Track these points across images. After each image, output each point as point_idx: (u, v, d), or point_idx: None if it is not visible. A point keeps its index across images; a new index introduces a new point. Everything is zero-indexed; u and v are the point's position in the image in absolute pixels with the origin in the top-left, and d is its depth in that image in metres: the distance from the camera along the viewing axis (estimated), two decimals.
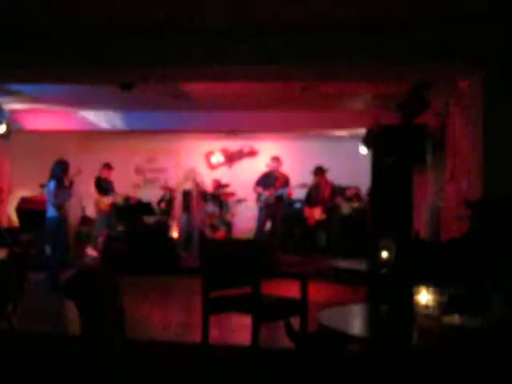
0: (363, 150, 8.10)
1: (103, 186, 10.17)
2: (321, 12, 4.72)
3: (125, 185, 11.66)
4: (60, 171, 7.38)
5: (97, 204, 10.27)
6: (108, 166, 10.32)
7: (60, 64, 5.44)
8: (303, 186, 9.99)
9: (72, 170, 10.15)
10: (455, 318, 2.62)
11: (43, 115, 9.78)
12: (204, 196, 10.25)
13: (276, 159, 9.90)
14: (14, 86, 7.71)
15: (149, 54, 5.30)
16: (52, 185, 7.34)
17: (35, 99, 8.52)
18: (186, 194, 9.89)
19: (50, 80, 6.62)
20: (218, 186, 11.07)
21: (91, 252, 9.99)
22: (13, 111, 9.31)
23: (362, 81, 6.71)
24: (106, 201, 10.09)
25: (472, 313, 2.66)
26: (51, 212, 7.27)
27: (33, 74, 5.99)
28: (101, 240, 10.39)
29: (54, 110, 9.59)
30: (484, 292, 2.81)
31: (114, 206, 10.25)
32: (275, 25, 4.96)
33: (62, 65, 5.45)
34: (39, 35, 5.25)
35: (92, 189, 10.19)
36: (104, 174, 10.31)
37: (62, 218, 7.29)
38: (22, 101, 8.62)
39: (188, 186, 9.90)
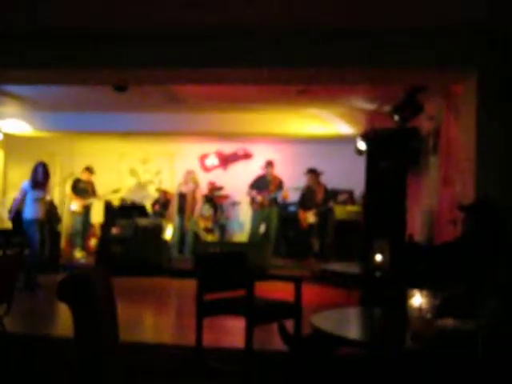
0: (361, 145, 8.08)
1: (80, 188, 10.19)
2: (318, 15, 4.74)
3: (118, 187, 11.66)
4: (34, 173, 7.36)
5: (69, 205, 10.35)
6: (89, 170, 10.33)
7: (55, 65, 5.43)
8: (297, 189, 10.02)
9: (65, 173, 10.18)
10: (449, 321, 2.63)
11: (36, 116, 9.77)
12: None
13: (270, 164, 9.92)
14: (8, 88, 7.68)
15: (144, 56, 5.29)
16: (26, 186, 7.35)
17: (28, 101, 8.50)
18: (182, 197, 9.87)
19: (44, 81, 6.60)
20: (213, 188, 11.06)
21: (78, 254, 9.98)
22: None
23: (357, 84, 6.72)
24: (79, 202, 10.11)
25: (466, 316, 2.67)
26: (26, 213, 7.29)
27: (28, 76, 5.97)
28: (92, 241, 10.38)
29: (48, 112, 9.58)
30: (477, 295, 2.82)
31: (87, 208, 10.28)
32: (271, 27, 4.97)
33: (57, 66, 5.44)
34: (34, 36, 5.24)
35: (68, 190, 10.26)
36: (84, 177, 10.32)
37: (33, 219, 7.29)
38: (15, 102, 8.59)
39: (185, 188, 9.88)
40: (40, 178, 7.34)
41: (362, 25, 4.91)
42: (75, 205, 10.16)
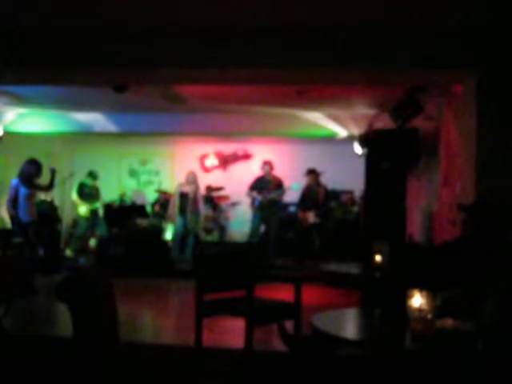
0: (358, 149, 8.09)
1: (85, 193, 10.21)
2: (318, 15, 4.74)
3: (118, 187, 11.68)
4: (28, 171, 7.35)
5: (75, 209, 10.40)
6: (92, 176, 10.34)
7: (54, 65, 5.42)
8: (292, 189, 9.95)
9: (65, 173, 10.17)
10: (448, 322, 2.62)
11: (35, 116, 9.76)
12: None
13: (268, 163, 9.90)
14: (7, 88, 7.67)
15: (142, 55, 5.29)
16: (15, 182, 7.33)
17: (27, 101, 8.49)
18: (183, 196, 9.84)
19: (43, 81, 6.60)
20: (210, 189, 11.05)
21: (68, 252, 9.99)
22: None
23: (357, 85, 6.72)
24: (85, 207, 10.14)
25: (465, 316, 2.67)
26: (21, 214, 7.29)
27: (28, 75, 5.97)
28: (92, 242, 10.40)
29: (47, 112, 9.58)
30: (477, 295, 2.82)
31: (94, 211, 10.30)
32: (273, 26, 4.97)
33: (57, 66, 5.44)
34: (34, 36, 5.23)
35: (74, 194, 10.31)
36: (88, 182, 10.35)
37: (28, 221, 7.28)
38: (15, 103, 8.58)
39: (187, 188, 9.86)
40: (29, 174, 7.33)
41: (362, 24, 4.91)
42: (82, 209, 10.20)
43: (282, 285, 4.47)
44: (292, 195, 10.20)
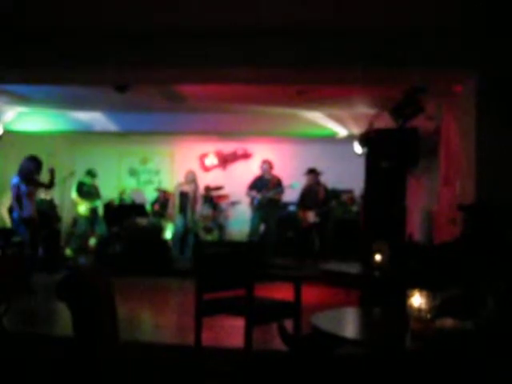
0: (358, 148, 8.10)
1: (84, 191, 10.22)
2: (318, 14, 4.74)
3: (118, 187, 11.68)
4: (27, 168, 7.31)
5: (75, 208, 10.45)
6: (90, 174, 10.35)
7: (56, 65, 5.43)
8: (291, 187, 9.94)
9: (65, 172, 10.17)
10: (448, 322, 2.63)
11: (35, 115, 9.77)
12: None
13: (266, 162, 9.89)
14: (7, 87, 7.67)
15: (142, 55, 5.30)
16: (15, 180, 7.29)
17: (27, 100, 8.49)
18: (183, 196, 9.84)
19: (45, 81, 6.60)
20: (208, 188, 11.06)
21: (68, 252, 10.00)
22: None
23: (357, 85, 6.72)
24: (85, 205, 10.16)
25: (464, 316, 2.67)
26: (15, 212, 7.26)
27: (29, 75, 5.97)
28: (92, 241, 10.41)
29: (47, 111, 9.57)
30: (476, 295, 2.82)
31: (94, 210, 10.31)
32: (273, 26, 4.97)
33: (58, 66, 5.44)
34: (37, 36, 5.24)
35: (73, 192, 10.35)
36: (87, 180, 10.37)
37: (22, 218, 7.25)
38: (15, 102, 8.58)
39: (187, 187, 9.86)
40: (28, 171, 7.29)
41: (362, 25, 4.91)
42: (82, 207, 10.23)
43: (281, 284, 4.47)
44: (292, 194, 10.20)
